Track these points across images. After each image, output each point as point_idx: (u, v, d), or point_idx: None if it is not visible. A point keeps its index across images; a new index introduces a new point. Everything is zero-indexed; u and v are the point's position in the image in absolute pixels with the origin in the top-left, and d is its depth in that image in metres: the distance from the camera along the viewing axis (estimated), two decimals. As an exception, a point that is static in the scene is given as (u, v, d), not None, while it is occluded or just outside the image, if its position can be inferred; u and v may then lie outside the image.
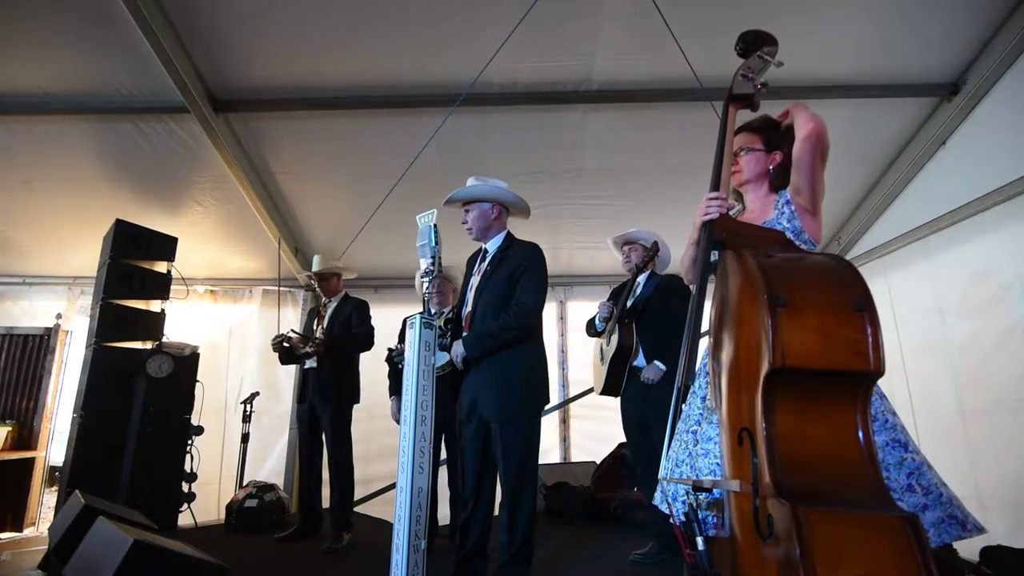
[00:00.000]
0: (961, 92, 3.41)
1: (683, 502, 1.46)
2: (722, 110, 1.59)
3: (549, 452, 5.07)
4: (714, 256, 1.48)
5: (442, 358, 2.49)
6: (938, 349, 3.65)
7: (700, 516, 1.26)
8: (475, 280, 2.50)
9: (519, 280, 2.39)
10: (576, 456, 4.94)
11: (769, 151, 1.71)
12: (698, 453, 1.51)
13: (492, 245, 2.51)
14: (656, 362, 2.84)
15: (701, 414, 1.57)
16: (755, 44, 1.54)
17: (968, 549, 3.00)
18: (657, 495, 1.67)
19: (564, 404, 5.08)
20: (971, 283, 3.45)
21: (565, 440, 5.06)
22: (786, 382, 1.07)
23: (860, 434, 1.07)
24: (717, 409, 1.40)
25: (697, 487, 1.28)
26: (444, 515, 3.32)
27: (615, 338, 2.94)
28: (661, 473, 1.56)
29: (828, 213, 4.49)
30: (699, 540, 1.21)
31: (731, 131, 1.58)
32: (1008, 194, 3.13)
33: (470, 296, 2.48)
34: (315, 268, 3.59)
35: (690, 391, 1.63)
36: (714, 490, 1.33)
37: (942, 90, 3.48)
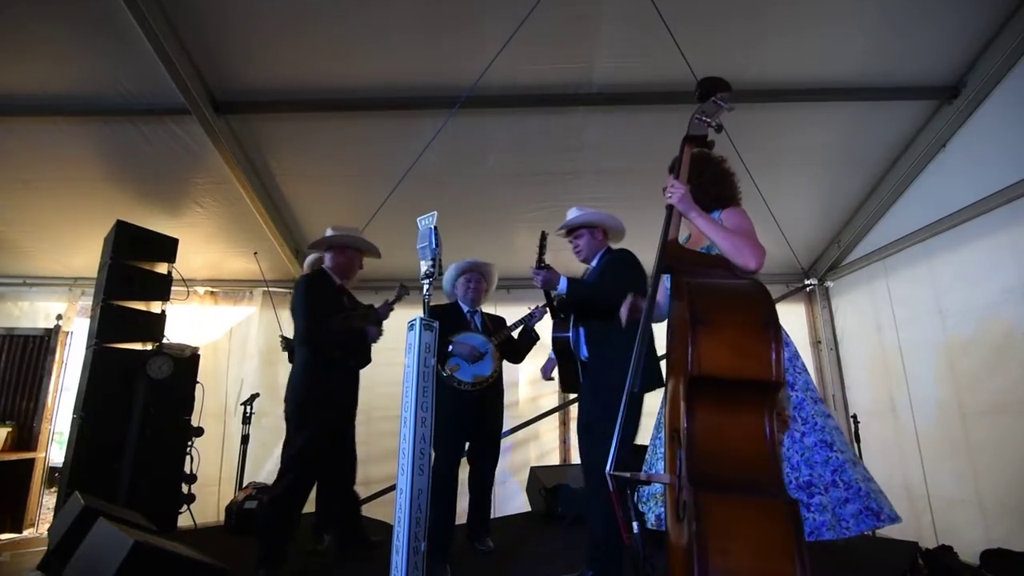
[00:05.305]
0: (961, 95, 3.42)
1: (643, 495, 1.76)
2: (679, 150, 1.71)
3: (549, 454, 5.06)
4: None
5: (482, 370, 3.03)
6: (939, 351, 3.65)
7: (658, 512, 1.54)
8: None
9: None
10: (576, 458, 4.93)
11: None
12: (659, 457, 1.74)
13: None
14: None
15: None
16: (711, 90, 1.64)
17: (969, 552, 3.01)
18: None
19: (564, 407, 5.07)
20: (972, 286, 3.45)
21: (565, 442, 5.06)
22: (704, 389, 1.27)
23: (767, 433, 1.26)
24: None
25: (637, 481, 1.53)
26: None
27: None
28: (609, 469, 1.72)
29: (828, 215, 4.54)
30: (635, 525, 1.41)
31: (685, 168, 1.69)
32: (1009, 196, 3.14)
33: None
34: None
35: (662, 400, 1.81)
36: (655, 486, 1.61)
37: (942, 93, 3.49)
